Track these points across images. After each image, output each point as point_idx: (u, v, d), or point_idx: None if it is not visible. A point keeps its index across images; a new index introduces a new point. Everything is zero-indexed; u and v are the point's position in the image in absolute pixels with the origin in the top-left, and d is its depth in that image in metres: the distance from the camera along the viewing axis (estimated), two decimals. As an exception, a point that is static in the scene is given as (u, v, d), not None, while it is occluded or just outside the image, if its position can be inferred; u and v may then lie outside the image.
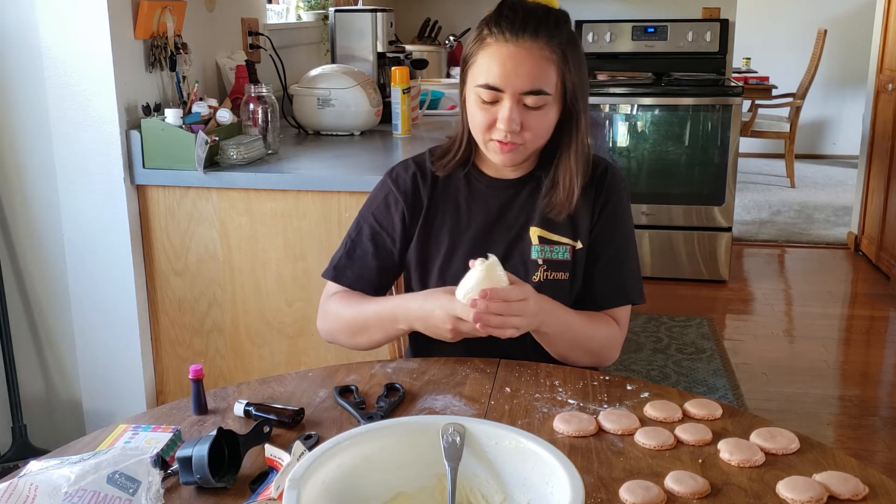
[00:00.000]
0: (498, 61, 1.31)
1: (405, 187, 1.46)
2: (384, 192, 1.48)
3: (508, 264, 1.41)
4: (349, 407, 1.18)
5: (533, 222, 1.43)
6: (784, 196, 5.95)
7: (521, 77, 1.30)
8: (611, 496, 0.98)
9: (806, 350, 3.44)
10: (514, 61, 1.30)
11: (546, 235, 1.42)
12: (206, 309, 2.26)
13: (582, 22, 4.56)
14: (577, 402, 1.20)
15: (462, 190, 1.46)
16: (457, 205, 1.46)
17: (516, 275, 1.39)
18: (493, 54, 1.32)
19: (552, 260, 1.41)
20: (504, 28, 1.31)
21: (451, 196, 1.46)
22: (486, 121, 1.34)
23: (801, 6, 7.13)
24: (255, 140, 2.27)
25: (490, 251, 1.39)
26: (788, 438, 1.08)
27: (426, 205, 1.45)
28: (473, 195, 1.46)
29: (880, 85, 4.47)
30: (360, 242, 1.47)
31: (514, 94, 1.31)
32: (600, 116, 4.15)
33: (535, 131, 1.35)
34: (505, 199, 1.45)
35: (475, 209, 1.45)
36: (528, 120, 1.33)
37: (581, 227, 1.43)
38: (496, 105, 1.33)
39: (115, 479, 0.91)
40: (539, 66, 1.31)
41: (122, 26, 2.12)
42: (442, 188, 1.46)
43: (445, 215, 1.45)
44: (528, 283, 1.39)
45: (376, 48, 3.11)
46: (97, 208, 2.18)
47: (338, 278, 1.47)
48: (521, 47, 1.31)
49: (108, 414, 2.31)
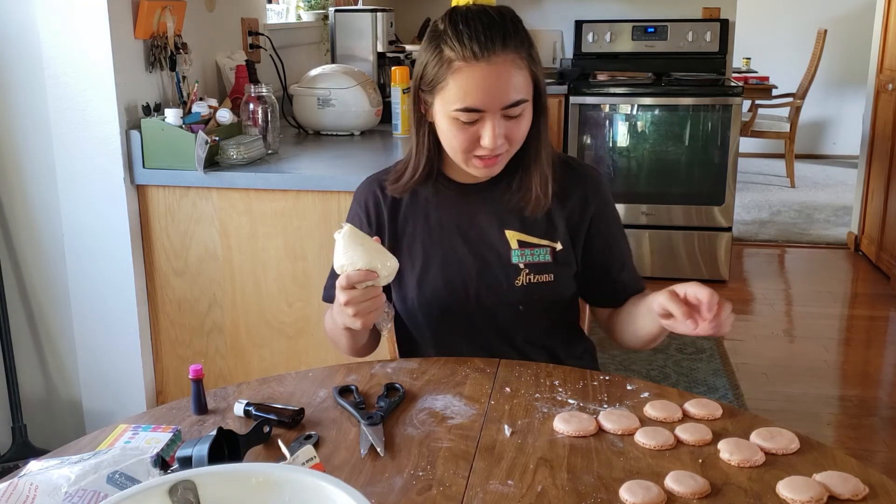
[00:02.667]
0: (475, 83, 1.27)
1: (367, 205, 1.45)
2: (353, 212, 1.48)
3: (488, 269, 1.40)
4: (349, 407, 1.18)
5: (508, 225, 1.41)
6: (784, 196, 5.95)
7: (500, 94, 1.27)
8: (611, 496, 0.98)
9: (806, 350, 3.44)
10: (491, 80, 1.27)
11: (525, 238, 1.41)
12: (206, 309, 2.26)
13: (582, 22, 4.56)
14: (577, 402, 1.20)
15: (431, 200, 1.44)
16: (426, 215, 1.43)
17: (496, 281, 1.40)
18: (468, 78, 1.27)
19: (534, 263, 1.40)
20: (470, 47, 1.26)
21: (420, 207, 1.44)
22: (467, 141, 1.31)
23: (801, 6, 7.13)
24: (255, 140, 2.27)
25: (466, 258, 1.40)
26: (788, 438, 1.08)
27: (391, 220, 1.44)
28: (443, 203, 1.43)
29: (880, 85, 4.47)
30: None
31: (496, 111, 1.28)
32: (600, 116, 4.15)
33: (517, 139, 1.33)
34: (476, 203, 1.43)
35: (446, 218, 1.43)
36: (509, 131, 1.31)
37: (559, 227, 1.42)
38: (475, 125, 1.29)
39: (115, 479, 0.91)
40: (515, 77, 1.28)
41: (121, 26, 2.12)
42: (409, 201, 1.44)
43: (416, 227, 1.43)
44: (512, 287, 1.39)
45: (376, 48, 3.11)
46: (97, 208, 2.18)
47: (325, 296, 1.49)
48: (494, 64, 1.26)
49: (108, 414, 2.31)
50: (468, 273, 1.40)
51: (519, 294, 1.39)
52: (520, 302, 1.40)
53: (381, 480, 1.02)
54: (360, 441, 1.10)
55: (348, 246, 1.20)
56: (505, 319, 1.42)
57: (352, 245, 1.20)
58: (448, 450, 1.08)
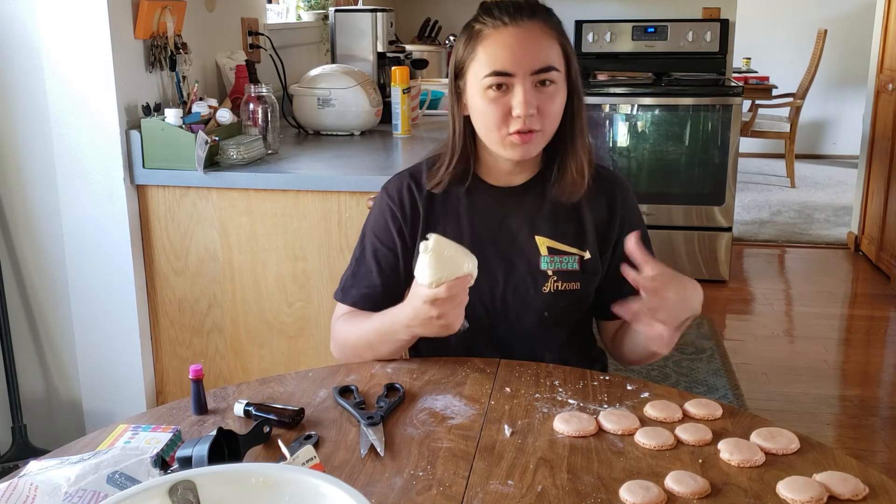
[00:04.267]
0: (503, 46, 1.29)
1: (400, 200, 1.43)
2: (381, 207, 1.45)
3: (516, 273, 1.39)
4: (349, 407, 1.18)
5: (538, 231, 1.41)
6: (784, 196, 5.95)
7: (529, 56, 1.29)
8: (611, 496, 0.98)
9: (806, 350, 3.44)
10: (519, 42, 1.29)
11: (555, 245, 1.40)
12: (206, 309, 2.26)
13: (582, 22, 4.56)
14: (577, 402, 1.20)
15: (463, 201, 1.43)
16: (458, 217, 1.42)
17: (524, 286, 1.39)
18: (496, 41, 1.30)
19: (562, 270, 1.39)
20: (499, 15, 1.30)
21: (452, 208, 1.43)
22: (500, 114, 1.30)
23: (801, 6, 7.13)
24: (255, 140, 2.27)
25: (494, 261, 1.38)
26: (788, 438, 1.08)
27: (424, 216, 1.42)
28: (475, 206, 1.42)
29: (880, 85, 4.47)
30: (363, 261, 1.45)
31: (526, 76, 1.29)
32: (600, 116, 4.15)
33: (549, 115, 1.32)
34: (508, 207, 1.42)
35: (477, 220, 1.42)
36: (541, 103, 1.30)
37: (588, 236, 1.41)
38: (507, 95, 1.30)
39: (115, 479, 0.91)
40: (544, 42, 1.31)
41: (121, 26, 2.11)
42: (441, 200, 1.43)
43: (446, 228, 1.41)
44: (538, 294, 1.39)
45: (376, 48, 3.11)
46: (97, 208, 2.18)
47: (344, 298, 1.46)
48: (523, 28, 1.30)
49: (108, 414, 2.31)
50: (495, 276, 1.39)
51: (545, 300, 1.39)
52: (545, 308, 1.39)
53: (381, 480, 1.02)
54: (360, 441, 1.10)
55: (441, 258, 1.17)
56: (528, 325, 1.41)
57: (443, 256, 1.17)
58: (448, 450, 1.08)
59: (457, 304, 1.20)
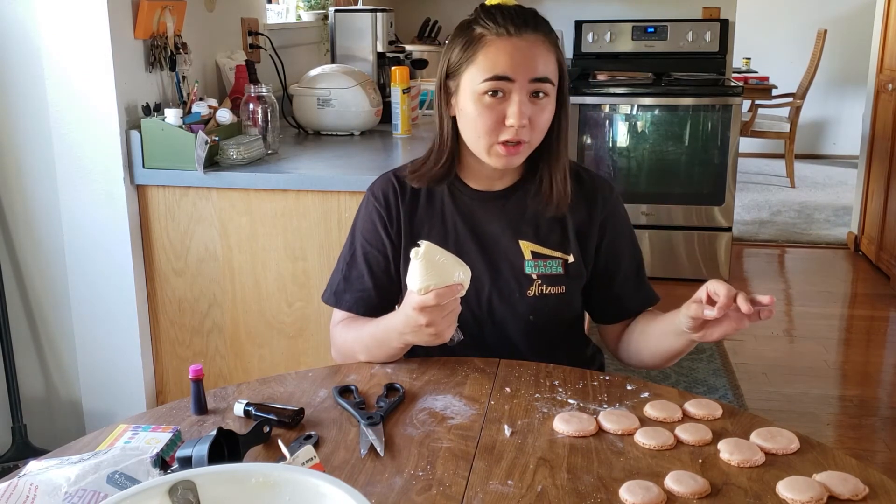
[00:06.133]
0: (505, 52, 1.30)
1: (386, 201, 1.43)
2: (368, 209, 1.45)
3: (500, 278, 1.40)
4: (349, 407, 1.18)
5: (522, 235, 1.41)
6: (784, 196, 5.95)
7: (529, 65, 1.30)
8: (611, 496, 0.98)
9: (806, 350, 3.44)
10: (521, 51, 1.30)
11: (538, 249, 1.41)
12: (206, 309, 2.26)
13: (582, 22, 4.56)
14: (577, 402, 1.20)
15: (447, 204, 1.43)
16: (443, 219, 1.43)
17: (509, 289, 1.40)
18: (500, 48, 1.30)
19: (546, 274, 1.40)
20: (503, 23, 1.31)
21: (436, 210, 1.43)
22: (492, 121, 1.31)
23: (801, 6, 7.13)
24: (255, 140, 2.27)
25: (479, 265, 1.38)
26: (788, 438, 1.08)
27: (408, 218, 1.42)
28: (459, 209, 1.43)
29: (880, 85, 4.47)
30: (354, 265, 1.45)
31: (525, 83, 1.29)
32: (600, 116, 4.15)
33: (538, 127, 1.33)
34: (491, 211, 1.42)
35: (461, 224, 1.42)
36: (533, 114, 1.31)
37: (570, 240, 1.42)
38: (502, 104, 1.30)
39: (115, 479, 0.91)
40: (544, 55, 1.32)
41: (121, 26, 2.11)
42: (425, 202, 1.43)
43: (431, 230, 1.42)
44: (524, 298, 1.39)
45: (376, 48, 3.11)
46: (97, 208, 2.18)
47: (339, 304, 1.46)
48: (526, 40, 1.30)
49: (108, 414, 2.31)
50: (480, 280, 1.39)
51: (530, 304, 1.39)
52: (530, 312, 1.40)
53: (381, 480, 1.02)
54: (360, 441, 1.10)
55: (431, 264, 1.16)
56: (514, 329, 1.41)
57: (434, 263, 1.16)
58: (448, 450, 1.08)
59: (447, 314, 1.19)
